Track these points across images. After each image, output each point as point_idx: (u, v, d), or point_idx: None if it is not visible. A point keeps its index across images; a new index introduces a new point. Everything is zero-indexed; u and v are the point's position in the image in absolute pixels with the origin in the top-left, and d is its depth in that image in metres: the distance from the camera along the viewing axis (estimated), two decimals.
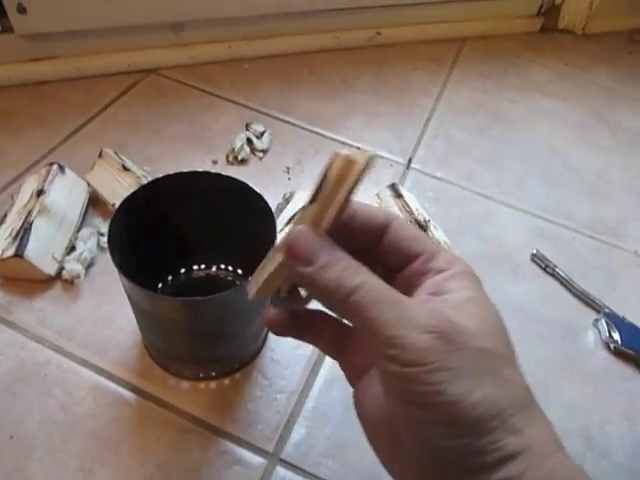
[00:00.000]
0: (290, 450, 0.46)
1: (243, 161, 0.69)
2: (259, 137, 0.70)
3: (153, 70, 0.81)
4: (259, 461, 0.45)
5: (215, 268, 0.55)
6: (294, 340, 0.52)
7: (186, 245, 0.51)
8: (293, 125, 0.76)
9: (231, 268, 0.55)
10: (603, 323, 0.57)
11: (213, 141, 0.72)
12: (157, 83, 0.80)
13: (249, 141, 0.69)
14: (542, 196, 0.72)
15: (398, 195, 0.62)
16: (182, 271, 0.55)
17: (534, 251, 0.63)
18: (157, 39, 0.80)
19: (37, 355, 0.49)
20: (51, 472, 0.43)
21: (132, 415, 0.47)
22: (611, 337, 0.55)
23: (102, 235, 0.58)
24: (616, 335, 0.55)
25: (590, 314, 0.59)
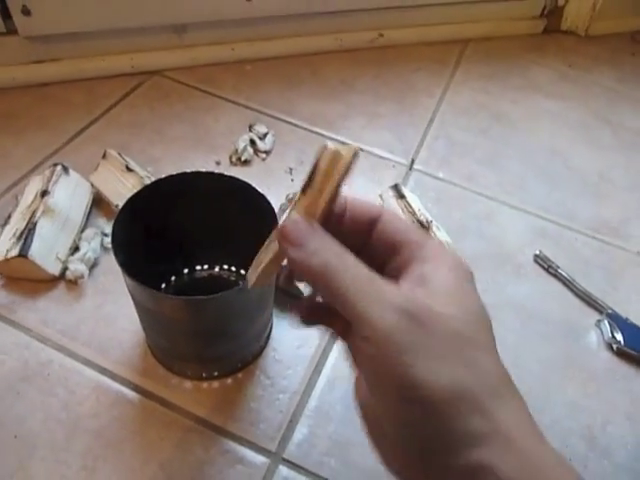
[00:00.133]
0: (293, 449, 0.46)
1: (246, 162, 0.69)
2: (262, 138, 0.71)
3: (156, 72, 0.82)
4: (262, 460, 0.45)
5: (218, 268, 0.55)
6: (296, 340, 0.53)
7: (189, 245, 0.52)
8: (294, 126, 0.76)
9: (234, 268, 0.55)
10: (606, 324, 0.57)
11: (216, 142, 0.72)
12: (160, 85, 0.80)
13: (252, 142, 0.70)
14: (544, 196, 0.72)
15: (401, 196, 0.62)
16: (185, 271, 0.55)
17: (537, 252, 0.63)
18: (160, 41, 0.81)
19: (40, 354, 0.49)
20: (54, 471, 0.43)
21: (135, 414, 0.47)
22: (614, 338, 0.55)
23: (106, 235, 0.58)
24: (619, 336, 0.55)
25: (592, 314, 0.59)
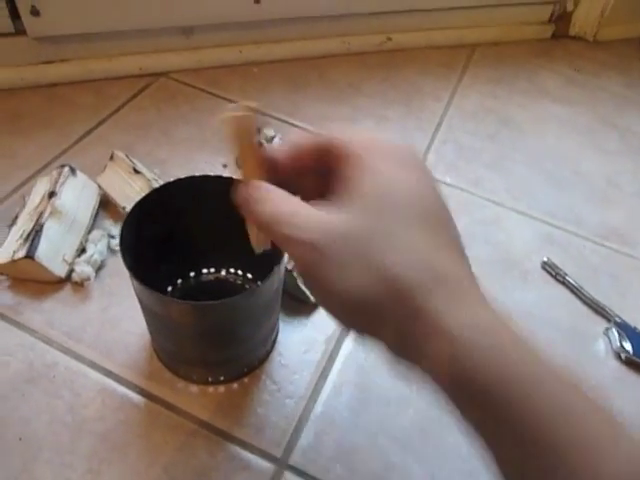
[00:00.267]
0: (298, 455, 0.46)
1: None
2: (269, 141, 0.71)
3: (164, 73, 0.82)
4: (267, 466, 0.45)
5: (225, 272, 0.55)
6: (303, 344, 0.52)
7: (196, 248, 0.51)
8: (301, 129, 0.76)
9: (240, 272, 0.55)
10: (614, 332, 0.56)
11: (223, 144, 0.72)
12: (167, 86, 0.80)
13: (260, 145, 0.69)
14: (551, 202, 0.71)
15: None
16: (192, 274, 0.55)
17: (545, 259, 0.63)
18: (168, 43, 0.81)
19: (46, 356, 0.49)
20: (59, 474, 0.43)
21: (140, 418, 0.46)
22: (622, 347, 0.55)
23: (112, 237, 0.58)
24: (628, 345, 0.55)
25: (600, 322, 0.58)
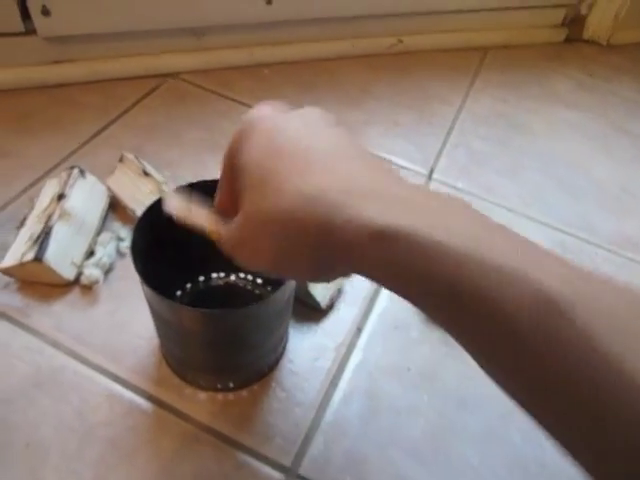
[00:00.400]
0: (308, 465, 0.45)
1: None
2: None
3: (173, 74, 0.81)
4: (277, 476, 0.44)
5: (234, 276, 0.55)
6: (313, 351, 0.52)
7: (206, 253, 0.51)
8: None
9: (250, 277, 0.55)
10: None
11: None
12: (177, 87, 0.80)
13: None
14: (564, 209, 0.70)
15: None
16: (201, 279, 0.54)
17: None
18: (178, 43, 0.80)
19: (53, 360, 0.49)
20: None
21: (148, 424, 0.46)
22: None
23: (121, 240, 0.58)
24: None
25: None
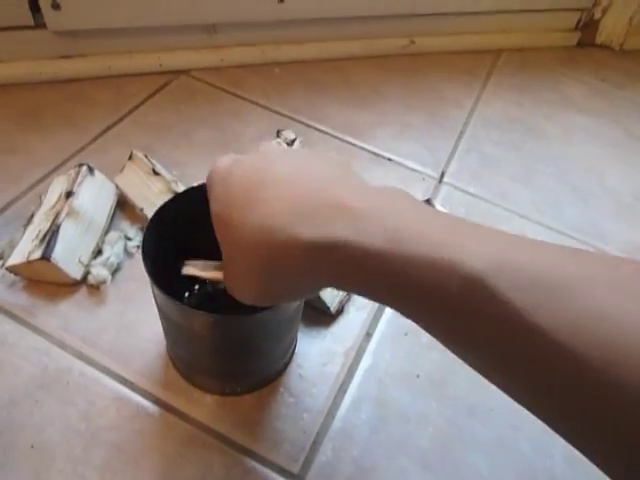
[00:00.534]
0: (316, 472, 0.45)
1: None
2: (290, 144, 0.69)
3: (184, 71, 0.80)
4: None
5: None
6: (322, 357, 0.51)
7: (214, 254, 0.50)
8: (324, 133, 0.75)
9: None
10: None
11: (243, 147, 0.70)
12: (188, 85, 0.79)
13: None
14: (577, 216, 0.70)
15: None
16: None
17: None
18: (189, 40, 0.80)
19: (60, 361, 0.48)
20: None
21: (155, 429, 0.45)
22: None
23: (129, 239, 0.57)
24: None
25: None
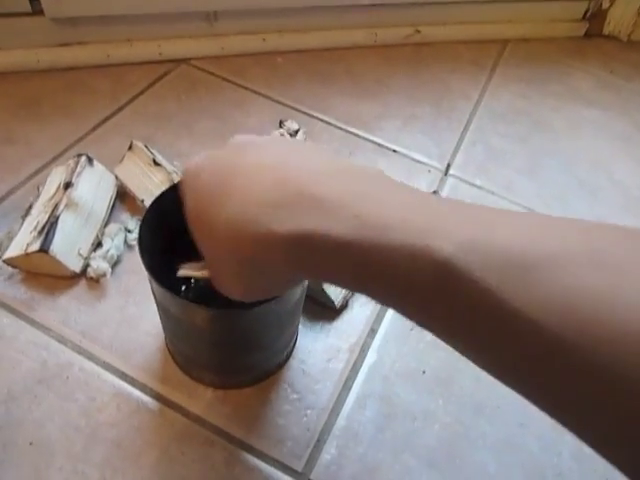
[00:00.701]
0: (320, 471, 0.44)
1: None
2: (293, 135, 0.68)
3: (184, 60, 0.79)
4: None
5: None
6: (326, 353, 0.50)
7: None
8: (327, 124, 0.73)
9: None
10: None
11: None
12: (188, 74, 0.77)
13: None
14: (584, 210, 0.68)
15: None
16: None
17: None
18: (190, 28, 0.78)
19: (59, 356, 0.47)
20: None
21: (156, 425, 0.44)
22: None
23: (129, 232, 0.56)
24: None
25: None
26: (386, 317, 0.54)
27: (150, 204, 0.42)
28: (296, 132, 0.69)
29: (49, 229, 0.50)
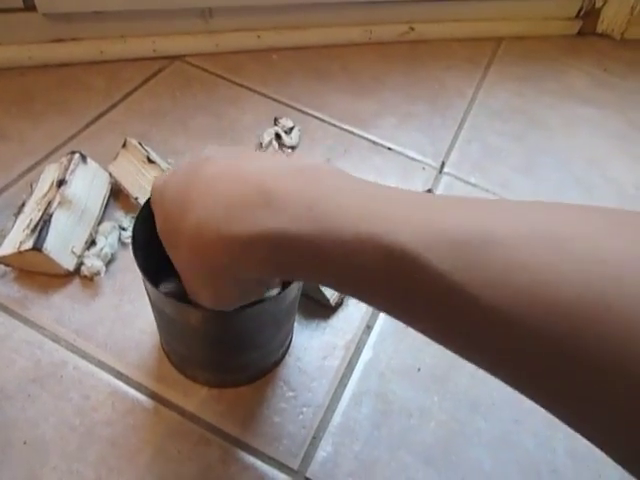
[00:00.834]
0: (316, 468, 0.44)
1: None
2: (288, 132, 0.68)
3: (179, 57, 0.78)
4: (284, 479, 0.43)
5: None
6: (322, 350, 0.50)
7: None
8: (322, 121, 0.73)
9: None
10: None
11: (240, 135, 0.69)
12: (183, 70, 0.77)
13: (277, 136, 0.67)
14: None
15: None
16: None
17: None
18: (184, 25, 0.77)
19: (53, 355, 0.47)
20: None
21: (151, 424, 0.44)
22: None
23: (123, 230, 0.55)
24: None
25: None
26: (381, 314, 0.54)
27: (143, 204, 0.42)
28: (291, 130, 0.68)
29: (42, 227, 0.50)
